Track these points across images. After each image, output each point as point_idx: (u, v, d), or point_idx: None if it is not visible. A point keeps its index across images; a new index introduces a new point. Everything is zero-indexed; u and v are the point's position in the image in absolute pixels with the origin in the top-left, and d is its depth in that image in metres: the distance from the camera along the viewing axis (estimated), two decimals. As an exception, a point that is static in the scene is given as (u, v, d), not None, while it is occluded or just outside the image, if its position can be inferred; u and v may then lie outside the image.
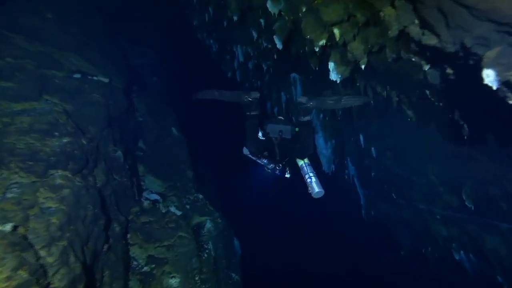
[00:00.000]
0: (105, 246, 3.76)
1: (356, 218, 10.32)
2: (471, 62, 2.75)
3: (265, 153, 3.10)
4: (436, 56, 3.08)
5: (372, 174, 8.43)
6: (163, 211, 5.50)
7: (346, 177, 9.98)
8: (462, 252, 6.59)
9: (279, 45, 6.38)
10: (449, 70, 3.28)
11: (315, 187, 2.76)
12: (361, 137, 8.35)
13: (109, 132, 5.12)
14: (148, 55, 9.99)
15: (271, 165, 3.16)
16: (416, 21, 2.87)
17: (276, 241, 11.76)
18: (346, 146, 9.30)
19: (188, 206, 6.82)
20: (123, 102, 6.01)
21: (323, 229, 11.60)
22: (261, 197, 11.88)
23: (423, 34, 2.91)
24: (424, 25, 2.82)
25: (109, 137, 5.07)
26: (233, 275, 7.41)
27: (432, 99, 4.49)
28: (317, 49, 4.82)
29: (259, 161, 3.15)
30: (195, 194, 7.17)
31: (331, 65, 5.14)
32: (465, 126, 4.20)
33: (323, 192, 2.77)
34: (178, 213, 6.31)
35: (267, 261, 11.11)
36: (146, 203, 5.45)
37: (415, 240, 8.20)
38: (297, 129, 3.09)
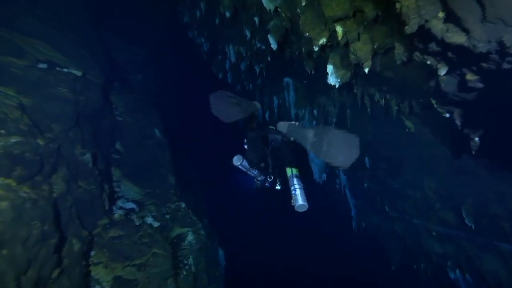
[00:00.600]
0: (56, 272, 3.01)
1: (346, 229, 9.80)
2: (506, 65, 2.23)
3: (262, 164, 2.85)
4: (459, 58, 2.56)
5: (365, 185, 7.92)
6: (137, 223, 4.76)
7: (337, 186, 9.46)
8: (457, 271, 6.12)
9: (273, 45, 5.79)
10: (470, 76, 2.76)
11: (299, 199, 2.45)
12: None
13: (76, 132, 4.36)
14: (135, 52, 9.23)
15: (262, 176, 2.89)
16: (441, 14, 2.33)
17: (264, 251, 11.10)
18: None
19: (168, 216, 6.08)
20: (98, 99, 5.26)
21: (312, 239, 11.02)
22: (250, 207, 11.23)
23: (447, 30, 2.38)
24: (451, 19, 2.29)
25: (77, 138, 4.32)
26: (215, 291, 6.69)
27: (439, 109, 4.00)
28: (316, 49, 4.25)
29: (249, 173, 2.86)
30: (176, 203, 6.43)
31: (329, 68, 4.60)
32: (476, 140, 3.72)
33: (306, 206, 2.44)
34: (155, 224, 5.57)
35: (253, 272, 10.42)
36: (117, 214, 4.69)
37: (406, 255, 7.72)
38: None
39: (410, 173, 6.48)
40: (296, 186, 2.54)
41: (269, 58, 7.27)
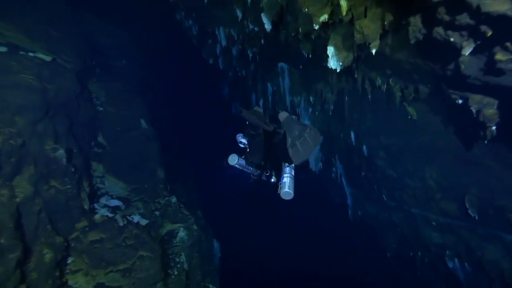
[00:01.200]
0: (18, 291, 2.54)
1: (341, 217, 9.55)
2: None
3: (262, 162, 2.82)
4: (497, 32, 2.06)
5: (362, 173, 7.56)
6: (121, 223, 4.28)
7: (333, 175, 9.11)
8: (456, 260, 5.90)
9: (267, 26, 5.18)
10: (501, 56, 2.29)
11: (286, 187, 2.44)
12: (352, 134, 7.42)
13: (47, 125, 3.77)
14: (119, 36, 8.42)
15: (258, 171, 2.86)
16: (478, -24, 1.82)
17: (259, 240, 10.84)
18: (335, 143, 8.36)
19: (157, 213, 5.61)
20: (73, 87, 4.62)
21: (308, 227, 10.79)
22: (245, 197, 10.86)
23: (485, -4, 1.87)
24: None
25: (47, 132, 3.74)
26: (210, 286, 6.37)
27: (452, 95, 3.54)
28: (316, 27, 3.69)
29: (245, 169, 2.83)
30: (166, 198, 5.96)
31: (330, 50, 4.05)
32: (493, 128, 3.30)
33: (291, 194, 2.45)
34: (143, 222, 5.10)
35: (249, 260, 10.19)
36: (98, 215, 4.19)
37: (402, 244, 7.50)
38: (283, 130, 2.72)
39: (410, 162, 6.11)
40: (287, 174, 2.53)
41: (262, 41, 6.63)
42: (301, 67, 7.09)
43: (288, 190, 2.43)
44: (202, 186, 10.83)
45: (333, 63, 4.01)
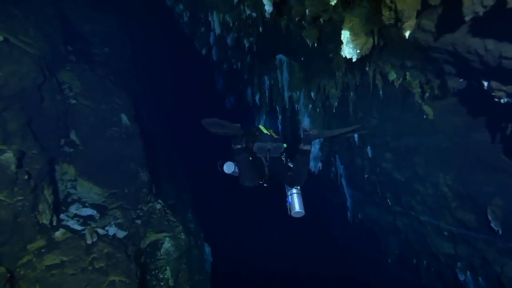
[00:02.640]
0: None
1: (340, 219, 8.89)
2: None
3: (260, 181, 2.60)
4: None
5: (366, 176, 6.85)
6: (90, 240, 3.44)
7: (332, 175, 8.40)
8: (469, 273, 5.28)
9: (268, 8, 4.33)
10: None
11: (296, 206, 2.35)
12: (355, 134, 6.67)
13: (-11, 122, 2.88)
14: (101, 22, 7.40)
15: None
16: None
17: (253, 240, 10.13)
18: (335, 142, 7.62)
19: (139, 221, 4.79)
20: (33, 75, 3.71)
21: (305, 228, 10.11)
22: (240, 199, 10.11)
23: None
24: None
25: (-11, 130, 2.84)
26: (200, 299, 5.62)
27: (497, 91, 2.79)
28: (333, 2, 2.88)
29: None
30: (150, 203, 5.13)
31: (345, 35, 3.24)
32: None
33: (302, 213, 2.36)
34: (121, 234, 4.28)
35: (243, 262, 9.49)
36: (60, 232, 3.34)
37: (406, 250, 6.87)
38: (285, 145, 2.61)
39: (421, 165, 5.40)
40: (294, 191, 2.40)
41: (260, 29, 5.77)
42: (302, 59, 6.25)
43: (299, 210, 2.31)
44: (195, 184, 10.03)
45: (348, 51, 3.21)
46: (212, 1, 5.80)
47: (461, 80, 3.27)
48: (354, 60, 3.22)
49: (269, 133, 2.58)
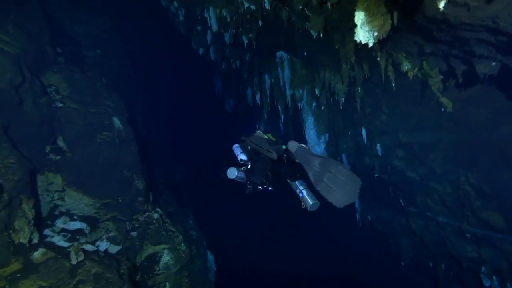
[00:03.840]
0: None
1: (347, 220, 8.39)
2: None
3: (266, 181, 2.53)
4: None
5: (376, 175, 6.37)
6: (75, 260, 2.96)
7: (338, 176, 7.91)
8: (495, 278, 4.78)
9: (268, -4, 3.89)
10: None
11: (309, 200, 2.26)
12: (364, 131, 6.21)
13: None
14: (94, 24, 6.99)
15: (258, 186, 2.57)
16: None
17: (258, 247, 9.60)
18: (342, 141, 7.15)
19: (134, 233, 4.31)
20: (8, 76, 3.26)
21: (311, 230, 9.60)
22: (243, 203, 9.62)
23: None
24: None
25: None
26: (203, 315, 5.11)
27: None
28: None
29: (243, 182, 2.56)
30: (147, 213, 4.65)
31: (359, 16, 2.79)
32: None
33: (318, 203, 2.23)
34: (114, 249, 3.79)
35: (248, 268, 8.97)
36: (39, 252, 2.86)
37: (421, 253, 6.36)
38: (284, 146, 2.55)
39: (438, 163, 4.93)
40: (301, 187, 2.37)
41: (260, 23, 5.33)
42: (305, 54, 5.80)
43: (314, 201, 2.25)
44: (196, 187, 9.55)
45: (364, 35, 2.76)
46: (208, -5, 5.36)
47: (493, 63, 2.81)
48: (370, 45, 2.77)
49: (268, 138, 2.62)
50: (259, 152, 2.52)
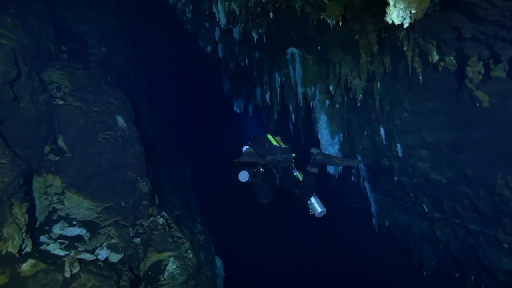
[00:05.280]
0: None
1: (362, 225, 7.88)
2: None
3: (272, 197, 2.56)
4: None
5: (396, 178, 5.87)
6: (68, 273, 2.61)
7: (352, 178, 7.44)
8: (537, 294, 4.22)
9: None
10: None
11: (318, 207, 2.39)
12: (382, 130, 5.73)
13: None
14: (100, 23, 6.77)
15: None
16: None
17: (268, 248, 9.16)
18: (357, 141, 6.68)
19: (138, 240, 3.96)
20: (4, 67, 2.98)
21: (324, 235, 9.09)
22: (253, 204, 9.24)
23: None
24: None
25: None
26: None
27: None
28: None
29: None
30: (152, 218, 4.31)
31: (392, -9, 2.37)
32: None
33: (325, 211, 2.38)
34: (115, 257, 3.44)
35: (258, 274, 8.54)
36: (28, 264, 2.53)
37: (446, 262, 5.80)
38: (294, 154, 2.60)
39: (469, 165, 4.41)
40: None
41: (271, 15, 4.96)
42: (319, 48, 5.39)
43: (321, 209, 2.33)
44: (203, 189, 9.21)
45: (397, 14, 2.34)
46: (216, -13, 5.02)
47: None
48: (406, 25, 2.34)
49: (278, 144, 2.55)
50: (254, 167, 2.49)
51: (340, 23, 3.79)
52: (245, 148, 2.65)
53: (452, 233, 5.21)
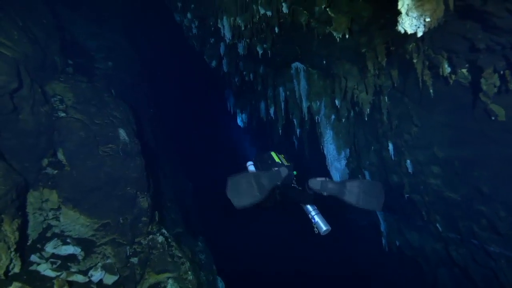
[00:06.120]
0: None
1: (372, 246, 7.48)
2: None
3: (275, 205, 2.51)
4: None
5: (406, 195, 5.60)
6: (57, 298, 2.38)
7: (360, 195, 7.13)
8: None
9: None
10: None
11: (322, 226, 2.27)
12: (391, 146, 5.54)
13: None
14: (106, 36, 6.89)
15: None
16: None
17: (276, 270, 8.70)
18: (364, 156, 6.47)
19: (135, 260, 3.70)
20: (4, 78, 2.91)
21: (330, 254, 8.66)
22: (256, 221, 8.91)
23: None
24: None
25: None
26: None
27: None
28: None
29: None
30: (151, 236, 4.07)
31: (405, 1, 2.30)
32: None
33: (330, 229, 2.28)
34: (110, 279, 3.19)
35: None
36: (13, 286, 2.31)
37: (463, 286, 5.39)
38: (295, 172, 2.56)
39: (486, 181, 4.16)
40: (313, 213, 2.36)
41: (276, 30, 4.96)
42: (324, 62, 5.34)
43: (326, 228, 2.25)
44: (205, 206, 8.93)
45: (410, 23, 2.23)
46: (222, 2, 5.08)
47: None
48: (419, 34, 2.23)
49: (280, 162, 2.56)
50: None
51: (347, 36, 3.72)
52: (248, 163, 2.65)
53: (470, 255, 4.86)
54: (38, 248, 3.12)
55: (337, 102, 5.50)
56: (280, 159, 2.59)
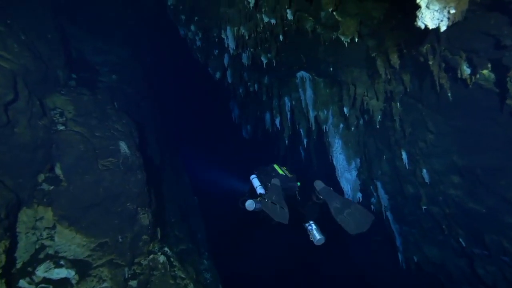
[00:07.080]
0: None
1: (387, 262, 6.96)
2: None
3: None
4: None
5: (423, 207, 5.18)
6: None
7: (372, 207, 6.72)
8: None
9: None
10: None
11: (317, 235, 2.33)
12: (404, 155, 5.20)
13: None
14: (112, 51, 6.89)
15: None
16: None
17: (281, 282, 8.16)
18: (375, 166, 6.11)
19: (134, 283, 3.38)
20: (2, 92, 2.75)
21: (342, 273, 8.10)
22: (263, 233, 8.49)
23: None
24: None
25: None
26: None
27: None
28: None
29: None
30: (152, 255, 3.75)
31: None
32: None
33: (324, 238, 2.35)
34: (104, 307, 2.87)
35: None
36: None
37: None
38: (299, 183, 2.61)
39: (514, 191, 3.78)
40: (311, 221, 2.39)
41: (281, 38, 4.80)
42: (331, 69, 5.14)
43: (321, 237, 2.31)
44: (211, 220, 8.57)
45: (431, 17, 1.99)
46: (225, 12, 4.98)
47: None
48: (442, 29, 1.99)
49: (284, 174, 2.57)
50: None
51: (356, 40, 3.51)
52: (252, 176, 2.65)
53: (500, 273, 4.38)
54: (29, 272, 2.85)
55: (345, 110, 5.24)
56: (283, 171, 2.62)
